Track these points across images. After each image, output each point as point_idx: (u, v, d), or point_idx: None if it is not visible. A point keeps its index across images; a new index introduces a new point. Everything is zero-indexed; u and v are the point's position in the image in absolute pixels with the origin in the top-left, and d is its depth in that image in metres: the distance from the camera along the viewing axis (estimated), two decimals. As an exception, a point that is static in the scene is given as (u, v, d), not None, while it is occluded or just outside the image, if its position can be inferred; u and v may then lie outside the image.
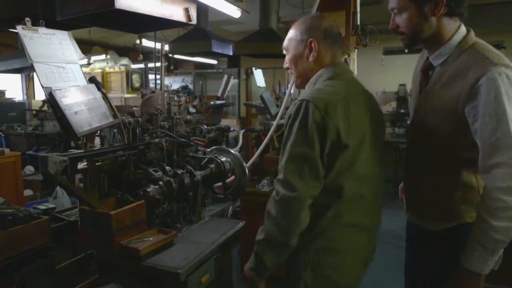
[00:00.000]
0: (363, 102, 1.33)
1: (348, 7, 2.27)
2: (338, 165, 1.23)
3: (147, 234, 1.50)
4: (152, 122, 1.84)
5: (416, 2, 1.27)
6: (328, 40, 1.35)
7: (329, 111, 1.19)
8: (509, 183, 1.12)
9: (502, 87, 1.14)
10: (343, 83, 1.32)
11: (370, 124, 1.31)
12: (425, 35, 1.31)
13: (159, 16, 1.88)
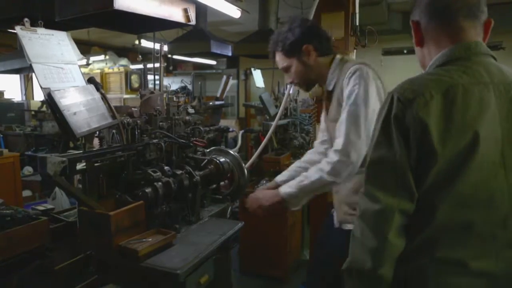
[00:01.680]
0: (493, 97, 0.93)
1: (347, 8, 2.27)
2: (430, 178, 0.90)
3: (146, 235, 1.50)
4: (151, 123, 1.83)
5: (295, 57, 1.59)
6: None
7: (415, 104, 0.89)
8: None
9: (355, 79, 1.44)
10: (461, 70, 0.95)
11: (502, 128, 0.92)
12: (314, 76, 1.64)
13: (158, 16, 1.88)
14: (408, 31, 4.52)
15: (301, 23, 1.60)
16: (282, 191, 1.55)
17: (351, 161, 1.40)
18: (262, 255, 3.06)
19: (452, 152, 0.88)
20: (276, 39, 1.63)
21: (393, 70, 6.72)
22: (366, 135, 1.39)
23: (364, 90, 1.43)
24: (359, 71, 1.46)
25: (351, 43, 2.28)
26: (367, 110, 1.42)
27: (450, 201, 0.90)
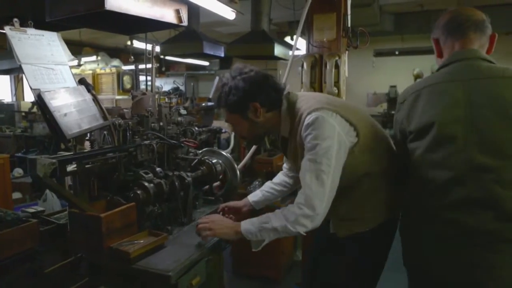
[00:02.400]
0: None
1: (339, 9, 2.28)
2: (410, 148, 1.42)
3: (137, 237, 1.49)
4: (143, 124, 1.83)
5: (239, 114, 1.50)
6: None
7: (401, 106, 1.46)
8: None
9: (313, 128, 1.36)
10: (447, 71, 1.39)
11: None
12: (262, 132, 1.58)
13: (150, 17, 1.87)
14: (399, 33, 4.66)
15: (246, 77, 1.46)
16: (243, 227, 1.45)
17: (316, 213, 1.33)
18: (255, 256, 3.03)
19: (417, 126, 1.35)
20: (220, 94, 1.53)
21: (384, 71, 6.80)
22: (331, 180, 1.34)
23: (324, 141, 1.34)
24: (317, 122, 1.36)
25: (343, 44, 2.29)
26: (329, 159, 1.34)
27: (425, 162, 1.33)
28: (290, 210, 1.37)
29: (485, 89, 1.28)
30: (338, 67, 2.21)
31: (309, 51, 2.34)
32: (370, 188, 1.46)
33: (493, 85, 1.28)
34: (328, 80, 2.22)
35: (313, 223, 1.35)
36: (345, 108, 1.44)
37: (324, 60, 2.25)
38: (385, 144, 1.54)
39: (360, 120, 1.44)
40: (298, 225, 1.35)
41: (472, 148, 1.25)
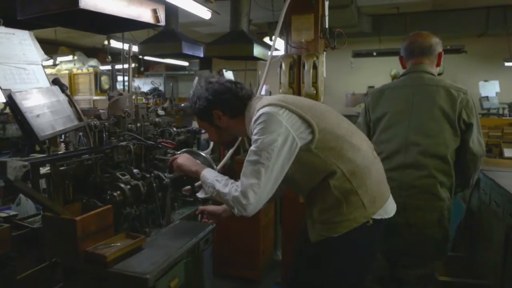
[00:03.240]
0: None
1: (316, 10, 2.30)
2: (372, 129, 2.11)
3: (114, 240, 1.47)
4: (119, 125, 1.80)
5: (207, 121, 1.61)
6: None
7: (367, 99, 2.20)
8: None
9: (260, 123, 1.40)
10: (402, 79, 2.11)
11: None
12: (229, 136, 1.69)
13: (126, 17, 1.83)
14: (377, 34, 4.77)
15: (210, 87, 1.57)
16: (205, 171, 1.55)
17: (249, 202, 1.36)
18: (235, 257, 3.06)
19: (377, 116, 2.03)
20: (190, 104, 1.64)
21: (363, 71, 6.91)
22: (269, 174, 1.36)
23: (267, 135, 1.37)
24: (263, 116, 1.40)
25: (321, 45, 2.31)
26: (270, 153, 1.36)
27: (379, 139, 1.99)
28: (233, 187, 1.41)
29: (424, 92, 1.97)
30: (316, 68, 2.23)
31: (287, 52, 2.36)
32: (341, 191, 1.43)
33: (429, 90, 1.96)
34: (306, 81, 2.24)
35: (244, 211, 1.38)
36: (301, 105, 1.45)
37: (302, 61, 2.27)
38: (352, 144, 1.48)
39: (317, 118, 1.43)
40: (234, 205, 1.39)
41: (409, 130, 1.94)
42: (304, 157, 1.42)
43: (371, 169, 1.49)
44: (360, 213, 1.45)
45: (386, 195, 1.55)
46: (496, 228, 2.39)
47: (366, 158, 1.49)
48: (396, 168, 1.92)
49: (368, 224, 1.46)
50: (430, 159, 1.89)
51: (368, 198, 1.45)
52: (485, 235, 2.65)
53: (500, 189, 2.34)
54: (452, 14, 5.61)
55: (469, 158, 1.95)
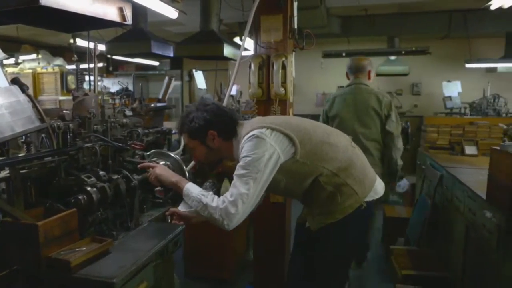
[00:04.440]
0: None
1: (285, 11, 2.33)
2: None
3: (79, 244, 1.42)
4: (85, 126, 1.75)
5: (198, 140, 1.70)
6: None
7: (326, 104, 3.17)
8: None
9: (248, 144, 1.56)
10: (346, 89, 3.14)
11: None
12: (217, 158, 1.78)
13: (91, 15, 1.78)
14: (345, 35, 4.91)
15: (209, 108, 1.69)
16: (188, 186, 1.64)
17: (237, 212, 1.50)
18: (207, 258, 3.04)
19: (332, 115, 2.99)
20: (182, 121, 1.73)
21: (333, 71, 7.03)
22: (256, 186, 1.51)
23: (254, 153, 1.53)
24: (253, 137, 1.56)
25: (289, 45, 2.33)
26: (257, 167, 1.51)
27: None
28: (220, 200, 1.53)
29: (362, 98, 2.94)
30: (285, 68, 2.25)
31: (256, 52, 2.37)
32: (332, 185, 1.62)
33: (365, 96, 2.94)
34: (275, 81, 2.26)
35: (230, 221, 1.51)
36: (279, 123, 1.63)
37: (271, 61, 2.29)
38: (331, 144, 1.67)
39: (295, 131, 1.61)
40: (221, 217, 1.52)
41: (355, 124, 2.90)
42: (293, 167, 1.60)
43: (353, 160, 1.68)
44: (354, 199, 1.64)
45: (373, 177, 1.76)
46: (458, 222, 2.50)
47: (346, 152, 1.69)
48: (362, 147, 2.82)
49: (362, 207, 1.66)
50: (370, 142, 2.89)
51: (358, 185, 1.65)
52: (448, 230, 2.76)
53: (461, 185, 2.44)
54: (417, 16, 5.81)
55: (387, 137, 2.89)
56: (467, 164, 3.13)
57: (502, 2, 3.42)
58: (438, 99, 6.37)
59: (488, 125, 3.79)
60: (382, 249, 3.77)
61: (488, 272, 1.99)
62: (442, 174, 2.99)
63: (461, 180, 2.47)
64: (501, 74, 6.35)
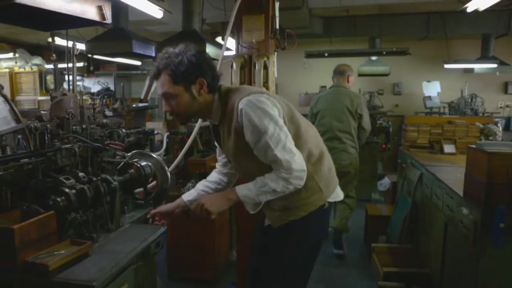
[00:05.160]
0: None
1: (267, 11, 2.33)
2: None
3: (58, 247, 1.39)
4: (63, 127, 1.71)
5: (183, 86, 1.50)
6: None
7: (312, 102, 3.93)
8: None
9: (250, 112, 1.46)
10: (329, 89, 3.87)
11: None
12: (197, 111, 1.60)
13: (69, 13, 1.75)
14: (328, 36, 4.95)
15: (198, 53, 1.53)
16: (241, 193, 1.54)
17: (300, 170, 1.48)
18: (190, 259, 3.02)
19: (315, 111, 3.69)
20: (166, 60, 1.50)
21: (316, 72, 7.09)
22: (293, 144, 1.50)
23: (270, 118, 1.46)
24: (256, 104, 1.47)
25: (271, 45, 2.34)
26: (281, 129, 1.48)
27: (319, 124, 3.58)
28: (279, 175, 1.48)
29: (338, 98, 3.60)
30: (267, 68, 2.26)
31: (238, 52, 2.37)
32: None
33: (341, 97, 3.59)
34: (257, 80, 2.27)
35: (301, 179, 1.50)
36: (277, 97, 1.60)
37: (253, 61, 2.29)
38: (309, 135, 1.65)
39: (286, 108, 1.57)
40: (290, 184, 1.49)
41: (332, 120, 3.56)
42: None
43: (324, 157, 1.67)
44: (318, 197, 1.60)
45: (336, 180, 1.76)
46: (437, 219, 2.56)
47: (319, 148, 1.68)
48: (327, 139, 3.36)
49: (324, 207, 1.63)
50: (343, 133, 3.55)
51: (323, 182, 1.62)
52: (428, 227, 2.82)
53: (439, 182, 2.50)
54: (397, 18, 5.91)
55: (361, 131, 3.66)
56: (446, 163, 3.21)
57: (478, 5, 3.52)
58: (419, 98, 6.50)
59: (466, 124, 3.88)
60: (364, 247, 3.82)
61: (465, 267, 2.04)
62: (422, 172, 3.05)
63: (440, 178, 2.52)
64: (478, 74, 6.52)
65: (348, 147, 3.56)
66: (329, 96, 3.66)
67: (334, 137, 3.53)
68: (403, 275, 2.64)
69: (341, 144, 3.52)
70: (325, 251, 3.73)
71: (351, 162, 3.56)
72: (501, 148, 1.84)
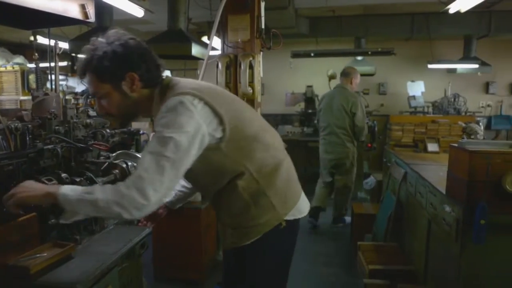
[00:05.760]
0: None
1: (252, 11, 2.34)
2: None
3: (40, 250, 1.37)
4: (45, 127, 1.69)
5: (111, 84, 1.29)
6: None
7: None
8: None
9: (168, 108, 1.23)
10: (333, 89, 4.53)
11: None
12: (134, 110, 1.37)
13: (51, 11, 1.72)
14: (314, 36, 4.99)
15: (126, 42, 1.29)
16: (63, 191, 1.22)
17: (148, 202, 1.17)
18: (177, 259, 3.01)
19: (319, 109, 4.49)
20: (89, 55, 1.30)
21: (302, 71, 7.12)
22: (174, 171, 1.19)
23: (177, 127, 1.20)
24: (176, 106, 1.22)
25: (257, 45, 2.35)
26: (178, 147, 1.19)
27: (321, 120, 4.48)
28: (119, 188, 1.19)
29: (337, 98, 4.19)
30: (252, 67, 2.27)
31: (224, 51, 2.37)
32: (249, 192, 1.36)
33: (339, 97, 4.18)
34: (242, 80, 2.27)
35: (140, 212, 1.19)
36: (215, 96, 1.30)
37: (239, 60, 2.29)
38: (262, 143, 1.39)
39: (231, 114, 1.30)
40: (123, 208, 1.17)
41: (331, 116, 4.19)
42: (213, 156, 1.30)
43: (281, 167, 1.42)
44: (271, 215, 1.37)
45: (298, 193, 1.49)
46: (421, 217, 2.60)
47: (276, 157, 1.42)
48: (327, 134, 4.21)
49: (281, 227, 1.39)
50: (339, 129, 4.11)
51: (278, 198, 1.38)
52: (412, 224, 2.87)
53: (423, 181, 2.54)
54: (382, 18, 5.98)
55: (356, 128, 4.10)
56: (429, 161, 3.26)
57: (460, 7, 3.59)
58: (403, 98, 6.59)
59: (449, 123, 3.95)
60: (351, 246, 3.86)
61: (448, 264, 2.08)
62: (406, 171, 3.10)
63: (423, 177, 2.56)
64: (461, 74, 6.65)
65: (344, 141, 4.09)
66: (331, 96, 4.25)
67: (332, 132, 4.11)
68: (388, 272, 2.67)
69: (338, 138, 4.08)
70: (312, 249, 3.76)
71: (347, 155, 4.10)
72: (481, 147, 1.88)
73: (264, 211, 1.37)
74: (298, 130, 6.40)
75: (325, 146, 4.29)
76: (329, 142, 4.21)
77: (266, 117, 1.73)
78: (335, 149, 4.06)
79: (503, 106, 7.07)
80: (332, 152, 4.18)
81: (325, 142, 4.29)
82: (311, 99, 6.37)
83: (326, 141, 4.24)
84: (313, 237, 4.16)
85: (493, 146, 1.88)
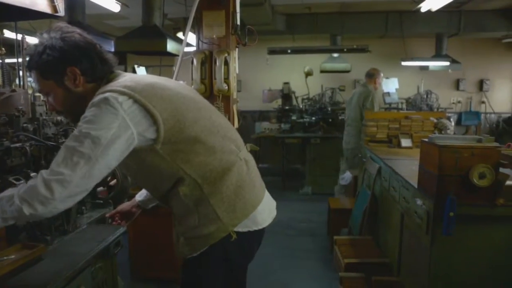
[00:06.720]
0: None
1: (227, 6, 2.32)
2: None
3: (7, 252, 1.33)
4: (12, 125, 1.63)
5: (53, 80, 1.25)
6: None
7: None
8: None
9: (98, 106, 1.16)
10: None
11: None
12: (77, 105, 1.28)
13: (17, 4, 1.66)
14: (290, 32, 5.01)
15: (67, 36, 1.24)
16: None
17: (52, 198, 1.08)
18: (154, 258, 2.97)
19: (347, 105, 5.15)
20: (31, 51, 1.26)
21: (279, 68, 7.15)
22: (87, 169, 1.11)
23: (98, 123, 1.13)
24: (101, 102, 1.15)
25: (232, 41, 2.34)
26: (96, 144, 1.12)
27: (346, 114, 5.26)
28: (28, 182, 1.15)
29: (357, 95, 4.82)
30: (227, 64, 2.25)
31: (199, 48, 2.34)
32: (192, 199, 1.28)
33: (358, 94, 4.80)
34: (218, 77, 2.25)
35: (44, 207, 1.09)
36: (153, 94, 1.22)
37: (214, 57, 2.28)
38: (206, 145, 1.28)
39: (169, 112, 1.21)
40: (25, 201, 1.09)
41: (350, 110, 4.87)
42: (148, 158, 1.23)
43: (229, 173, 1.29)
44: (216, 227, 1.27)
45: (255, 202, 1.35)
46: (394, 210, 2.66)
47: (225, 161, 1.30)
48: (347, 126, 4.82)
49: (231, 239, 1.28)
50: (351, 120, 4.75)
51: (224, 207, 1.27)
52: (386, 218, 2.94)
53: (396, 175, 2.60)
54: (357, 16, 6.08)
55: (363, 121, 4.23)
56: (402, 156, 3.34)
57: (430, 6, 3.68)
58: (378, 94, 6.73)
59: (421, 119, 4.05)
60: (327, 240, 3.91)
61: (419, 256, 2.14)
62: (380, 166, 3.17)
63: (397, 171, 2.62)
64: (433, 72, 6.84)
65: (355, 131, 4.69)
66: (354, 92, 4.98)
67: (349, 124, 4.79)
68: (364, 265, 2.73)
69: (353, 130, 4.69)
70: (289, 244, 3.79)
71: (356, 145, 4.61)
72: (450, 141, 1.94)
73: (208, 221, 1.27)
74: (276, 126, 6.42)
75: (345, 137, 4.90)
76: (348, 133, 4.81)
77: (243, 113, 1.72)
78: (351, 140, 4.69)
79: (472, 102, 7.33)
80: (349, 142, 4.79)
81: (345, 133, 4.90)
82: (288, 95, 6.40)
83: (346, 132, 4.85)
84: (291, 232, 4.21)
85: (461, 140, 1.94)
